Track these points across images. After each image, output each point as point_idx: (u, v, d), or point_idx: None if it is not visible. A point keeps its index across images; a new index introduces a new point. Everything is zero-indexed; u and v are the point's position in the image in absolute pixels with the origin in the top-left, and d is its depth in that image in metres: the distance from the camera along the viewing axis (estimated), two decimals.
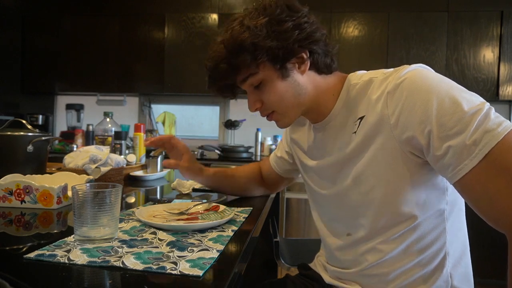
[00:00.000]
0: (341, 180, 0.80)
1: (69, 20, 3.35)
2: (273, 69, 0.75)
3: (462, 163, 0.60)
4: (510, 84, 2.80)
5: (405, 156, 0.69)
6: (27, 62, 3.38)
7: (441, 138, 0.62)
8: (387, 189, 0.72)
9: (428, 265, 0.75)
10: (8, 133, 1.17)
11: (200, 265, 0.56)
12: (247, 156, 3.01)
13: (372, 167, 0.73)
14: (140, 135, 1.74)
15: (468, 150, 0.59)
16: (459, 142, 0.60)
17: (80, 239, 0.65)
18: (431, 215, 0.73)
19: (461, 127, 0.60)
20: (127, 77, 3.28)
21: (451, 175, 0.62)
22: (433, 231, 0.74)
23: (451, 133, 0.61)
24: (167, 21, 3.20)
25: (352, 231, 0.81)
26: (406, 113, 0.66)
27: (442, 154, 0.62)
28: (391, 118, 0.69)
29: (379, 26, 2.94)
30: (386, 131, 0.70)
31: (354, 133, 0.76)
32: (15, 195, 0.92)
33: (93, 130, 2.16)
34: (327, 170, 0.84)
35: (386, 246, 0.75)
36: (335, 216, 0.85)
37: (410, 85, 0.67)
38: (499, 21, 2.79)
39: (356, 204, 0.78)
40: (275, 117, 0.81)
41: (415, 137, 0.65)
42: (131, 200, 1.14)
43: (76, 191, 0.65)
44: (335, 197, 0.83)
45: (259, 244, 1.22)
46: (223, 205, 0.90)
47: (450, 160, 0.61)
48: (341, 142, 0.79)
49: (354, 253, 0.81)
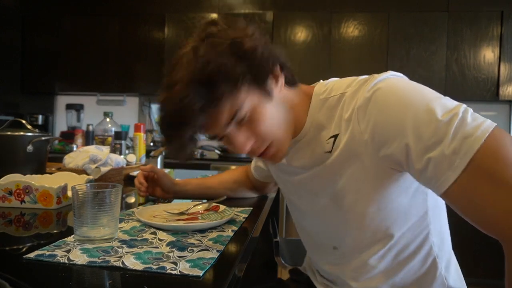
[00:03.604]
0: (318, 198, 0.76)
1: (69, 20, 3.35)
2: (258, 93, 0.66)
3: (444, 175, 0.56)
4: (510, 84, 2.80)
5: (383, 170, 0.66)
6: (27, 62, 3.38)
7: (419, 150, 0.58)
8: (368, 204, 0.69)
9: (420, 270, 0.74)
10: (8, 133, 1.17)
11: (200, 265, 0.55)
12: (247, 156, 2.99)
13: (351, 185, 0.69)
14: (140, 135, 1.74)
15: (449, 160, 0.55)
16: (438, 153, 0.56)
17: (80, 239, 0.65)
18: (415, 222, 0.72)
19: (439, 137, 0.56)
20: (127, 77, 3.28)
21: (436, 188, 0.59)
22: (418, 237, 0.73)
23: (429, 144, 0.57)
24: (167, 21, 3.20)
25: (338, 245, 0.78)
26: (379, 128, 0.62)
27: (423, 167, 0.58)
28: (364, 134, 0.64)
29: (379, 26, 2.94)
30: (361, 148, 0.66)
31: (329, 152, 0.71)
32: (15, 195, 0.92)
33: (93, 130, 2.16)
34: (303, 187, 0.79)
35: (375, 260, 0.74)
36: (317, 229, 0.83)
37: (380, 97, 0.62)
38: (499, 21, 2.79)
39: (337, 222, 0.76)
40: (273, 150, 0.71)
41: (392, 153, 0.62)
42: (131, 200, 1.13)
43: (76, 191, 0.65)
44: (314, 211, 0.80)
45: (259, 244, 1.21)
46: (223, 205, 0.90)
47: (431, 173, 0.57)
48: (314, 161, 0.74)
49: (342, 267, 0.79)
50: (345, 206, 0.72)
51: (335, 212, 0.74)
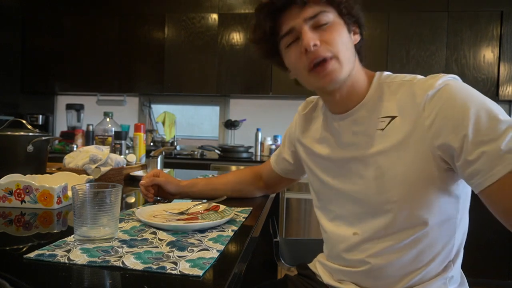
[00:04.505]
0: (360, 175, 0.78)
1: (69, 20, 3.35)
2: (341, 19, 0.76)
3: (493, 170, 0.60)
4: (510, 84, 2.80)
5: (433, 160, 0.69)
6: (27, 62, 3.38)
7: (476, 143, 0.62)
8: (408, 191, 0.71)
9: (435, 270, 0.75)
10: (8, 133, 1.17)
11: (200, 265, 0.56)
12: (247, 156, 3.00)
13: (399, 167, 0.72)
14: (140, 135, 1.75)
15: (502, 157, 0.59)
16: (493, 148, 0.60)
17: (80, 239, 0.65)
18: (443, 222, 0.73)
19: (497, 134, 0.60)
20: (127, 77, 3.28)
21: (480, 182, 0.62)
22: (444, 238, 0.74)
23: (486, 139, 0.61)
24: (167, 21, 3.20)
25: (360, 230, 0.79)
26: (442, 116, 0.67)
27: (474, 159, 0.62)
28: (426, 120, 0.69)
29: (379, 26, 2.94)
30: (419, 133, 0.69)
31: (381, 130, 0.75)
32: (15, 195, 0.92)
33: (93, 130, 2.16)
34: (345, 163, 0.81)
35: (397, 251, 0.74)
36: (344, 213, 0.82)
37: (449, 91, 0.67)
38: (499, 21, 2.79)
39: (372, 203, 0.76)
40: (333, 65, 0.73)
41: (448, 141, 0.65)
42: (131, 200, 1.14)
43: (76, 191, 0.65)
44: (351, 193, 0.80)
45: (259, 244, 1.21)
46: (223, 205, 0.91)
47: (481, 166, 0.61)
48: (364, 137, 0.77)
49: (361, 254, 0.79)
50: (386, 186, 0.73)
51: (375, 192, 0.75)
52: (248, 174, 1.14)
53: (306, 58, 0.73)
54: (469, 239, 0.81)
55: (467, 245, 0.81)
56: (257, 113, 3.42)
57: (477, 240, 2.04)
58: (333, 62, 0.73)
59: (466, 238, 0.79)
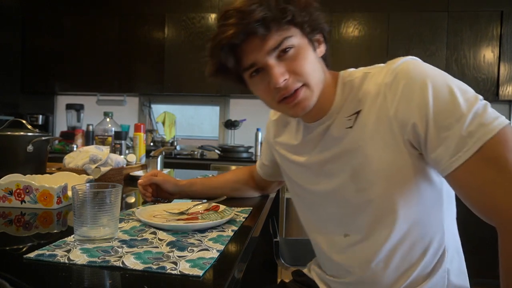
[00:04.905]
0: (337, 175, 0.77)
1: (69, 20, 3.35)
2: (305, 39, 0.72)
3: (455, 155, 0.60)
4: (510, 84, 2.80)
5: (404, 147, 0.68)
6: (27, 62, 3.38)
7: (438, 128, 0.62)
8: (386, 184, 0.70)
9: (430, 263, 0.74)
10: (8, 133, 1.17)
11: (200, 265, 0.56)
12: (247, 156, 3.00)
13: (372, 162, 0.71)
14: (140, 135, 1.74)
15: (463, 142, 0.60)
16: (454, 133, 0.60)
17: (80, 239, 0.65)
18: (430, 211, 0.73)
19: (457, 117, 0.61)
20: (127, 77, 3.28)
21: (444, 167, 0.62)
22: (432, 227, 0.73)
23: (447, 123, 0.61)
24: (167, 21, 3.20)
25: (350, 231, 0.78)
26: (404, 102, 0.66)
27: (437, 144, 0.62)
28: (390, 109, 0.68)
29: (379, 26, 2.94)
30: (385, 123, 0.69)
31: (350, 127, 0.74)
32: (15, 195, 0.92)
33: (93, 130, 2.16)
34: (321, 165, 0.80)
35: (387, 249, 0.73)
36: (330, 216, 0.82)
37: (406, 74, 0.67)
38: (499, 21, 2.79)
39: (353, 201, 0.75)
40: (304, 92, 0.71)
41: (415, 125, 0.65)
42: (131, 200, 1.14)
43: (76, 191, 0.65)
44: (330, 194, 0.79)
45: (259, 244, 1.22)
46: (223, 205, 0.91)
47: (444, 152, 0.62)
48: (334, 138, 0.76)
49: (353, 257, 0.78)
50: (364, 183, 0.73)
51: (353, 191, 0.75)
52: (246, 174, 1.14)
53: (275, 92, 0.70)
54: (469, 239, 0.81)
55: (467, 245, 0.80)
56: (257, 113, 3.42)
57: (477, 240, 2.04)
58: (303, 90, 0.71)
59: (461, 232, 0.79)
